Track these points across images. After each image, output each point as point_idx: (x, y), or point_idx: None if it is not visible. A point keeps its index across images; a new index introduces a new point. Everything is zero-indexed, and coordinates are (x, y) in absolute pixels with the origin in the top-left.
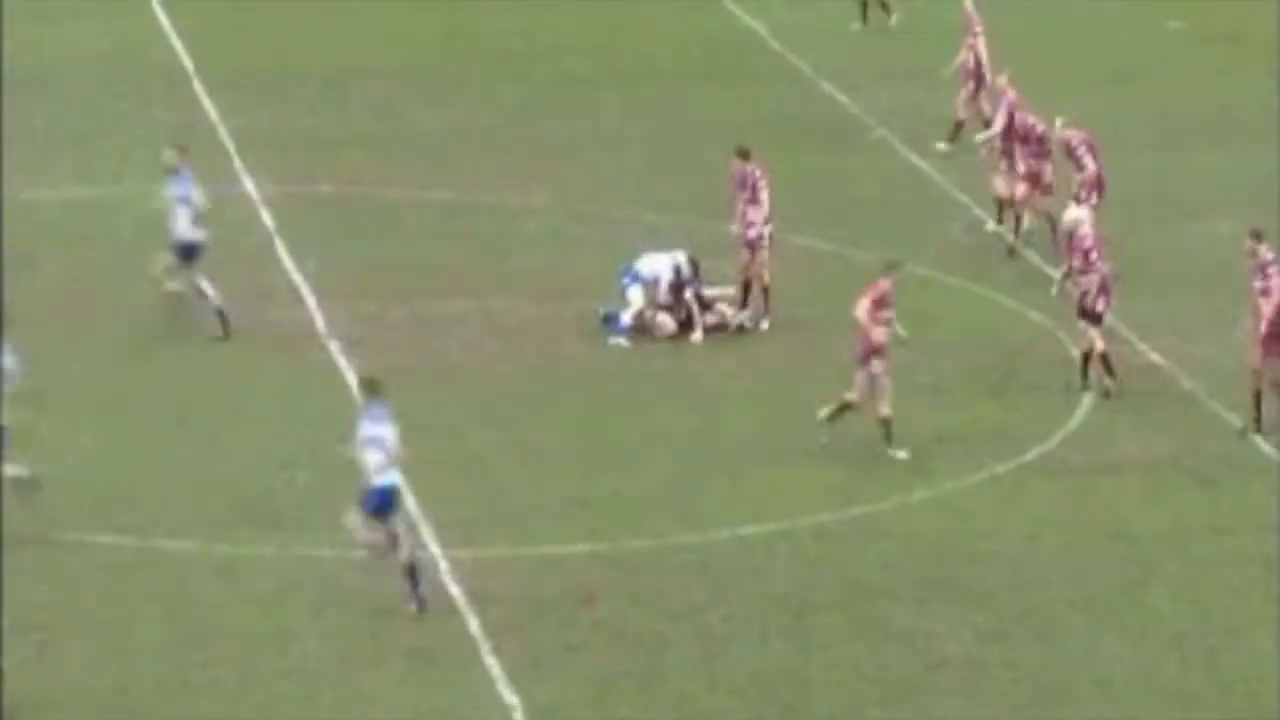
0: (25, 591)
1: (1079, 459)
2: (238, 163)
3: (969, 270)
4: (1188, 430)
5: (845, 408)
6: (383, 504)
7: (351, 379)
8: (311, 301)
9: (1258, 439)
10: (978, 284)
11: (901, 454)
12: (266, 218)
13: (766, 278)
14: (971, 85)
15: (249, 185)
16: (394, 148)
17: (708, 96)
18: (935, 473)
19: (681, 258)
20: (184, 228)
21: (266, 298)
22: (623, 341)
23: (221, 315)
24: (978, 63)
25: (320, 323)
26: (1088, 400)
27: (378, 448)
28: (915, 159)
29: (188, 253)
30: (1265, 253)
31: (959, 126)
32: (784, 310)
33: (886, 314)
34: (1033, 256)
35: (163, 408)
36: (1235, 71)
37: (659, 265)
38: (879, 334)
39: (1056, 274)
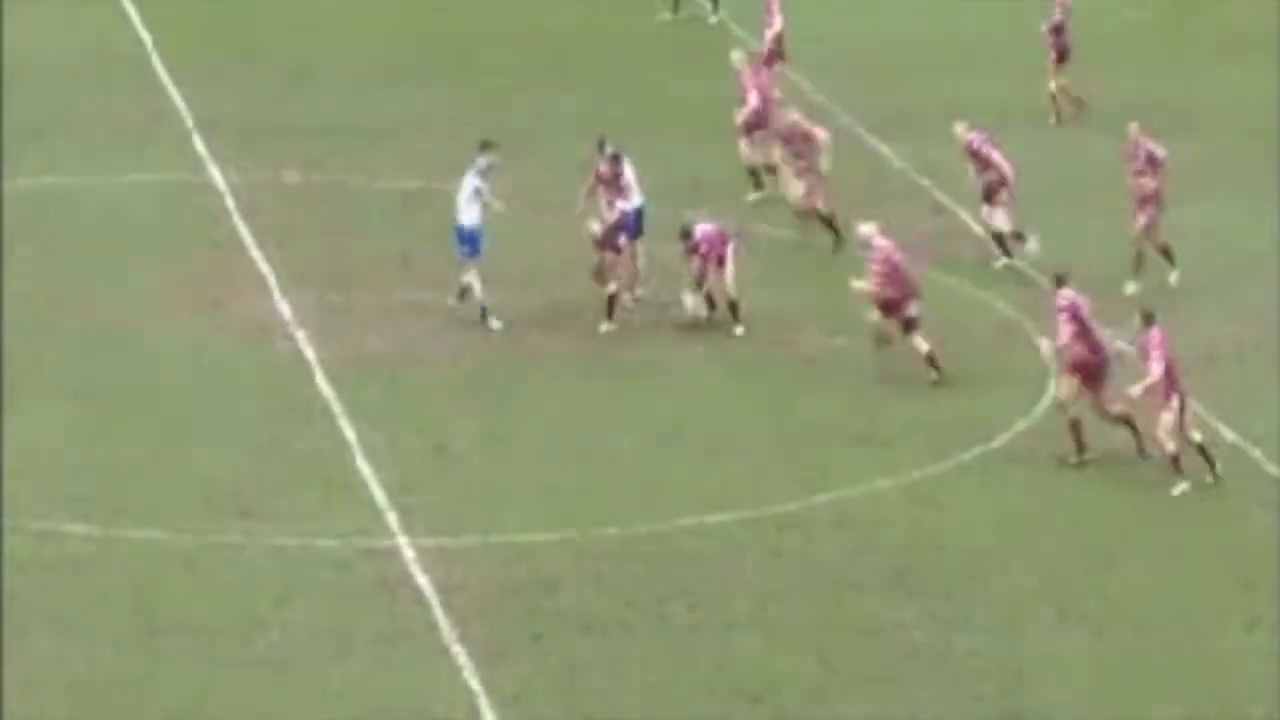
0: None
1: (1045, 448)
2: (204, 151)
3: (934, 259)
4: (1152, 419)
5: (1177, 460)
6: None
7: (318, 368)
8: (278, 290)
9: (1220, 427)
10: (942, 273)
11: (1207, 479)
12: (232, 206)
13: (732, 292)
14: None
15: (215, 174)
16: (360, 136)
17: (670, 85)
18: (902, 462)
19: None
20: None
21: (233, 286)
22: (495, 322)
23: None
24: (777, 44)
25: (287, 311)
26: (1053, 389)
27: None
28: (883, 148)
29: None
30: (1061, 297)
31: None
32: (750, 299)
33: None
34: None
35: (129, 397)
36: (1191, 59)
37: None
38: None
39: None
